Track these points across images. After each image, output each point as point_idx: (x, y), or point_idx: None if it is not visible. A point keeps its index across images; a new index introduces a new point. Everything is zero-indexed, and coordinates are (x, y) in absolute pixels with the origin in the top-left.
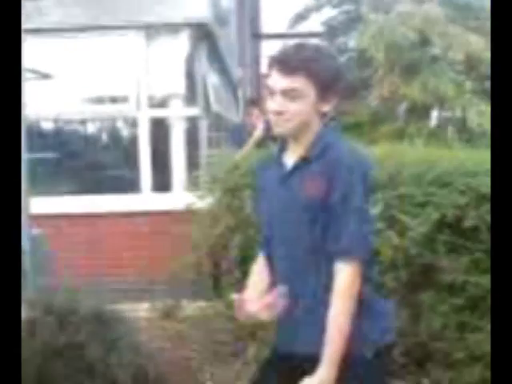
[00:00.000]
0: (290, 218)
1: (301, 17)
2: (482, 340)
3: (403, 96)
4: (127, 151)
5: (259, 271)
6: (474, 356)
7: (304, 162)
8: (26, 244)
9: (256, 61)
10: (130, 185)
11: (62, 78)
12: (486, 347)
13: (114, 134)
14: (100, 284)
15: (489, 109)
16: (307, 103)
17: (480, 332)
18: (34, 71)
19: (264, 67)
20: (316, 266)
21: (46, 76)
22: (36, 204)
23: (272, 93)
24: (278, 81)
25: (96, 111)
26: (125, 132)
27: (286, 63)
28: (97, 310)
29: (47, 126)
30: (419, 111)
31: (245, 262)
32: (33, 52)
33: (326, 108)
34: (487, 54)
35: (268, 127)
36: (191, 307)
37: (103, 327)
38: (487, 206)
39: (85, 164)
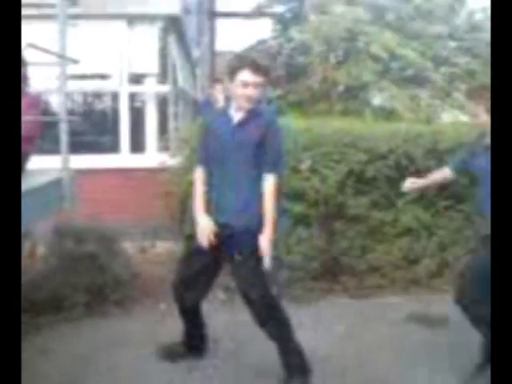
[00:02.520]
0: (238, 151)
1: (256, 9)
2: (377, 257)
3: (334, 81)
4: (109, 120)
5: (200, 182)
6: (373, 268)
7: (248, 118)
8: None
9: (212, 39)
10: (111, 147)
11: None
12: (381, 262)
13: (100, 106)
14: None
15: (398, 91)
16: (262, 90)
17: (376, 252)
18: (62, 56)
19: (218, 45)
20: (250, 178)
21: (74, 61)
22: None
23: (245, 84)
24: (251, 77)
25: (84, 86)
26: (108, 104)
27: (257, 67)
28: (101, 234)
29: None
30: (348, 93)
31: None
32: (36, 35)
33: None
34: (400, 50)
35: (227, 102)
36: (163, 246)
37: (107, 245)
38: (383, 162)
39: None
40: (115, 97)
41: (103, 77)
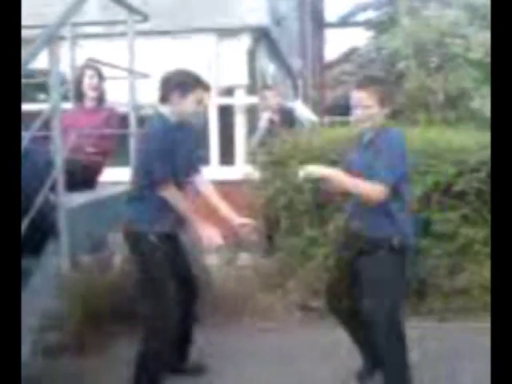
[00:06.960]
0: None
1: (347, 16)
2: (466, 278)
3: (431, 89)
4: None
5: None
6: (461, 290)
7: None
8: None
9: (319, 49)
10: (202, 159)
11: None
12: (469, 284)
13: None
14: None
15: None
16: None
17: (465, 272)
18: (131, 71)
19: (327, 55)
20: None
21: (145, 76)
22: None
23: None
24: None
25: None
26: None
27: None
28: None
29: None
30: (448, 102)
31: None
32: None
33: None
34: None
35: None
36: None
37: None
38: (473, 175)
39: None
40: (204, 109)
41: None
